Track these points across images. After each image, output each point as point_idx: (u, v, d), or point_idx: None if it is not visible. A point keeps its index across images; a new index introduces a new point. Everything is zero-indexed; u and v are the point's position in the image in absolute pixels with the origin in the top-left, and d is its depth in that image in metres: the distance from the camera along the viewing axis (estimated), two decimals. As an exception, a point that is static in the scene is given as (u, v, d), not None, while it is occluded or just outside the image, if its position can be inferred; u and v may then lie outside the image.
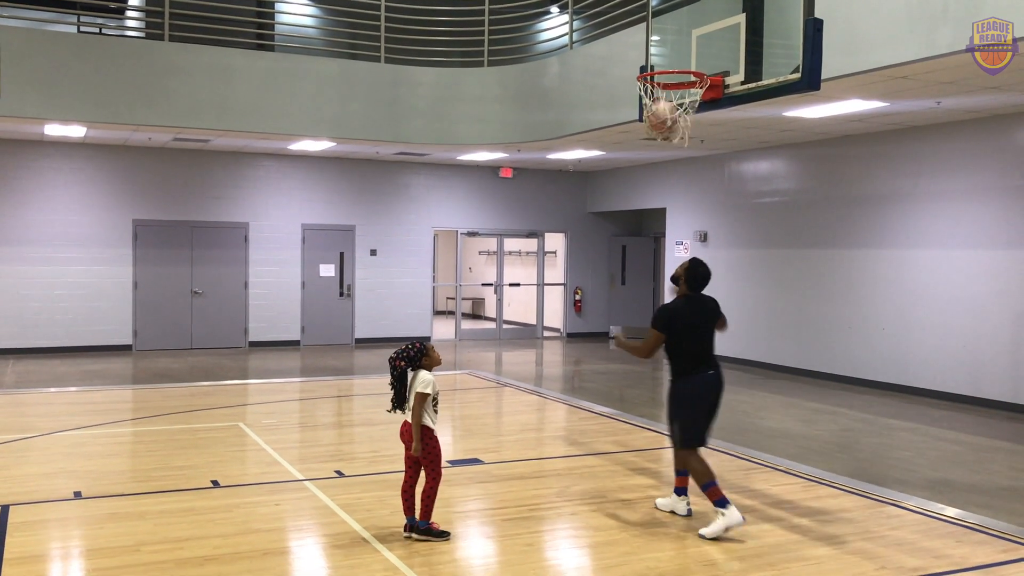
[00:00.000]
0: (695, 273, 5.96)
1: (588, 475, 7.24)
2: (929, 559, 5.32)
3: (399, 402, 5.43)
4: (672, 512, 6.14)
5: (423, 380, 5.35)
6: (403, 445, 5.53)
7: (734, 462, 7.75)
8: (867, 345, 12.28)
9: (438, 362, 5.50)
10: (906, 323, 11.70)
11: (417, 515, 5.48)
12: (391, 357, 5.43)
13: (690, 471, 5.84)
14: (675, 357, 5.92)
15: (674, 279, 6.08)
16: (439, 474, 5.46)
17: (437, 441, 5.49)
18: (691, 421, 5.84)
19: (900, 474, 7.49)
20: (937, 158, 11.32)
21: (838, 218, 12.75)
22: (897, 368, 11.83)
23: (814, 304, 13.13)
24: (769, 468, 7.56)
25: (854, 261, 12.49)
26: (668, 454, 8.26)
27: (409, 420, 5.42)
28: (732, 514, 5.56)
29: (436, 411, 5.46)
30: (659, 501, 6.30)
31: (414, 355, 5.40)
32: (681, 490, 6.14)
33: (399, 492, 5.56)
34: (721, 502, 5.60)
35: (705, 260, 6.25)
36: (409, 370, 5.42)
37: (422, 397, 5.34)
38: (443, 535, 5.47)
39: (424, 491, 5.44)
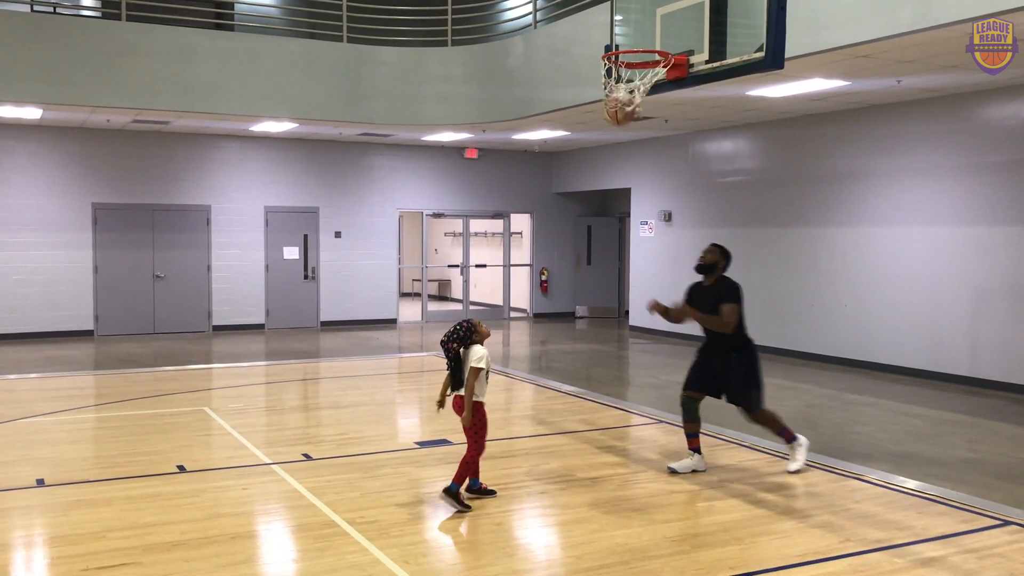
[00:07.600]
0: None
1: (556, 454, 7.28)
2: (892, 531, 5.42)
3: (456, 384, 5.71)
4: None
5: (477, 355, 5.64)
6: (456, 417, 5.83)
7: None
8: (829, 322, 12.44)
9: (487, 335, 5.81)
10: (867, 299, 11.87)
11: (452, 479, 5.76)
12: (442, 341, 5.76)
13: (767, 422, 6.67)
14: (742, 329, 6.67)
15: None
16: (483, 446, 5.78)
17: (485, 414, 5.78)
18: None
19: (863, 448, 7.61)
20: (897, 137, 11.45)
21: (800, 197, 12.87)
22: (858, 344, 12.00)
23: (777, 282, 13.26)
24: (734, 444, 7.66)
25: (816, 239, 12.63)
26: (636, 431, 8.35)
27: (462, 395, 5.68)
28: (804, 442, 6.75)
29: (487, 382, 5.75)
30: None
31: (464, 334, 5.72)
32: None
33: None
34: (792, 438, 6.70)
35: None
36: (461, 349, 5.69)
37: (476, 372, 5.63)
38: (465, 507, 5.66)
39: (464, 458, 5.73)
